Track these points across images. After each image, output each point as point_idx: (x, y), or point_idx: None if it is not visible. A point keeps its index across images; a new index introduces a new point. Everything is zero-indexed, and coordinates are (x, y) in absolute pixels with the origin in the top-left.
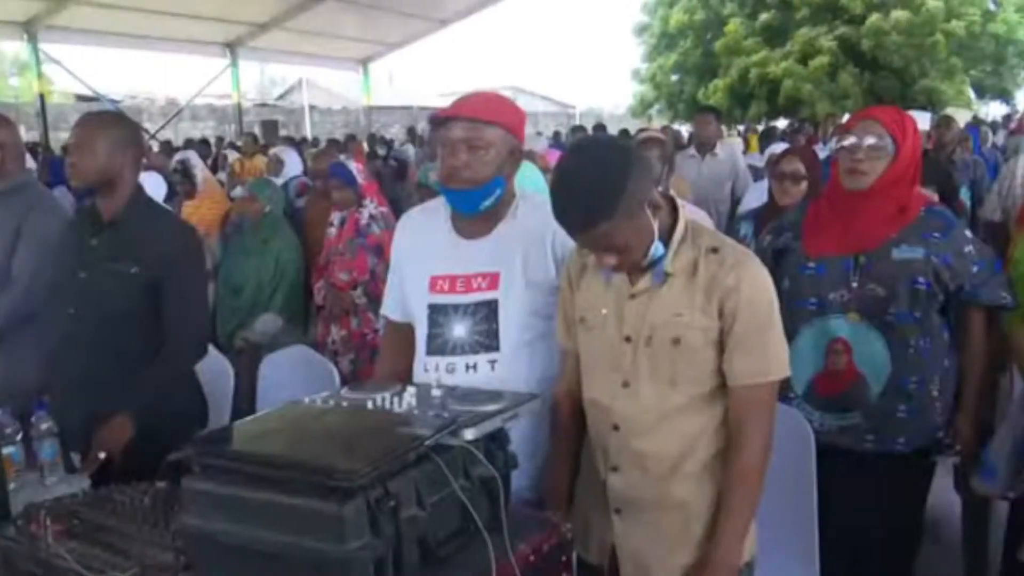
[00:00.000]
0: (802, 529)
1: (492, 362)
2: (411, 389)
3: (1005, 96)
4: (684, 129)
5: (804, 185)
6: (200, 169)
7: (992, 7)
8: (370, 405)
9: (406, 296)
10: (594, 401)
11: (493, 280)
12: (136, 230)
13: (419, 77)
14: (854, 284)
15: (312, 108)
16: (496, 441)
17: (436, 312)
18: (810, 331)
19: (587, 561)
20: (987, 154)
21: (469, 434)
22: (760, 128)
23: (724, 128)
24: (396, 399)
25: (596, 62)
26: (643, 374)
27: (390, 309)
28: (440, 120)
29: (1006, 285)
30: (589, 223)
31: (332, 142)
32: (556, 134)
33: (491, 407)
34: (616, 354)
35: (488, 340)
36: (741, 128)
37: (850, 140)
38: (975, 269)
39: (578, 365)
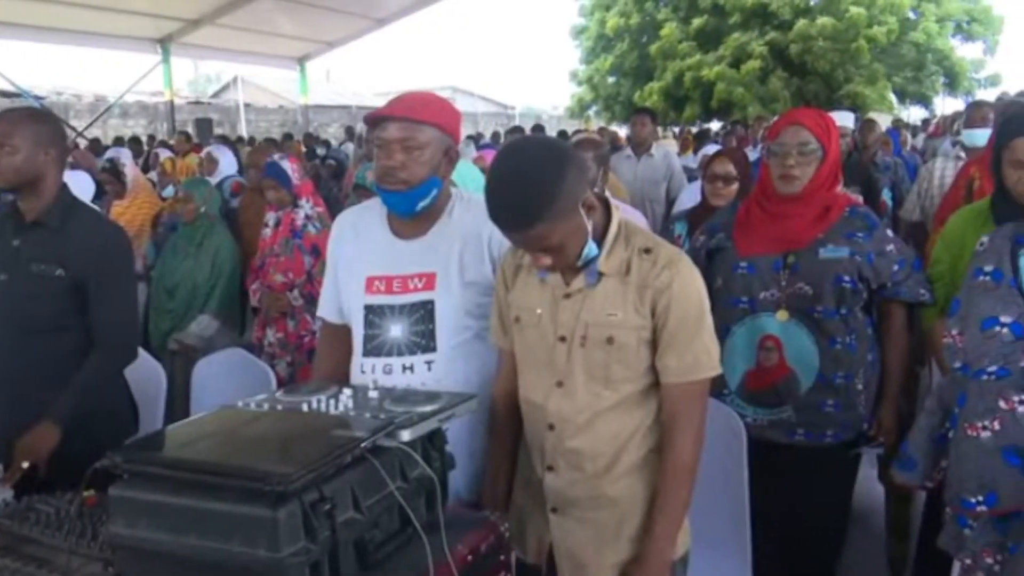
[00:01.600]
0: (734, 521)
1: (429, 363)
2: (347, 391)
3: (924, 101)
4: (621, 130)
5: (735, 186)
6: (130, 168)
7: (912, 16)
8: (305, 408)
9: (342, 297)
10: (529, 400)
11: (429, 280)
12: (60, 231)
13: (358, 76)
14: (783, 283)
15: (248, 106)
16: (433, 442)
17: (372, 313)
18: (742, 329)
19: (525, 561)
20: (907, 157)
21: (406, 435)
22: (694, 130)
23: (660, 130)
24: (332, 401)
25: (535, 63)
26: (577, 373)
27: (326, 310)
28: (375, 120)
29: (925, 283)
30: (524, 223)
31: (268, 140)
32: (495, 135)
33: (428, 408)
34: (550, 354)
35: (425, 341)
36: (676, 130)
37: (780, 145)
38: (896, 268)
39: (515, 364)
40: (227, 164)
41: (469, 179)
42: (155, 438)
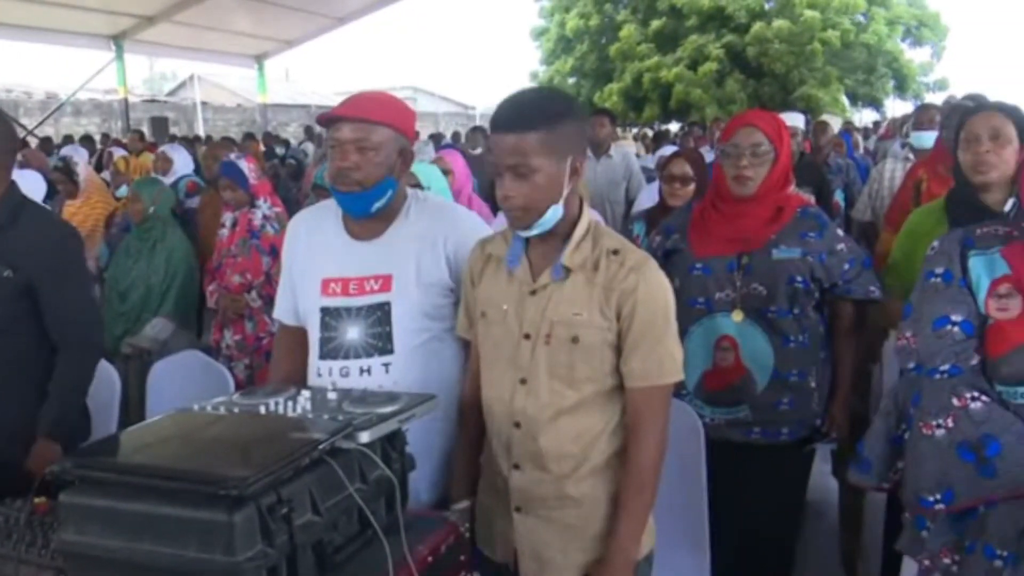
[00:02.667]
0: (694, 519)
1: (386, 365)
2: (305, 393)
3: (876, 104)
4: None
5: (692, 187)
6: (83, 167)
7: (863, 19)
8: (263, 410)
9: (298, 299)
10: (494, 398)
11: (386, 282)
12: (9, 231)
13: (317, 75)
14: (738, 283)
15: (205, 105)
16: (393, 443)
17: (328, 315)
18: (699, 329)
19: (492, 560)
20: (859, 159)
21: (364, 437)
22: (651, 132)
23: (619, 131)
24: (290, 403)
25: (495, 64)
26: (541, 371)
27: (282, 313)
28: (328, 120)
29: (875, 280)
30: (522, 124)
31: (226, 139)
32: (455, 135)
33: (387, 409)
34: (515, 350)
35: (381, 343)
36: (635, 131)
37: (733, 147)
38: (847, 267)
39: None
40: (182, 163)
41: (433, 179)
42: (107, 443)
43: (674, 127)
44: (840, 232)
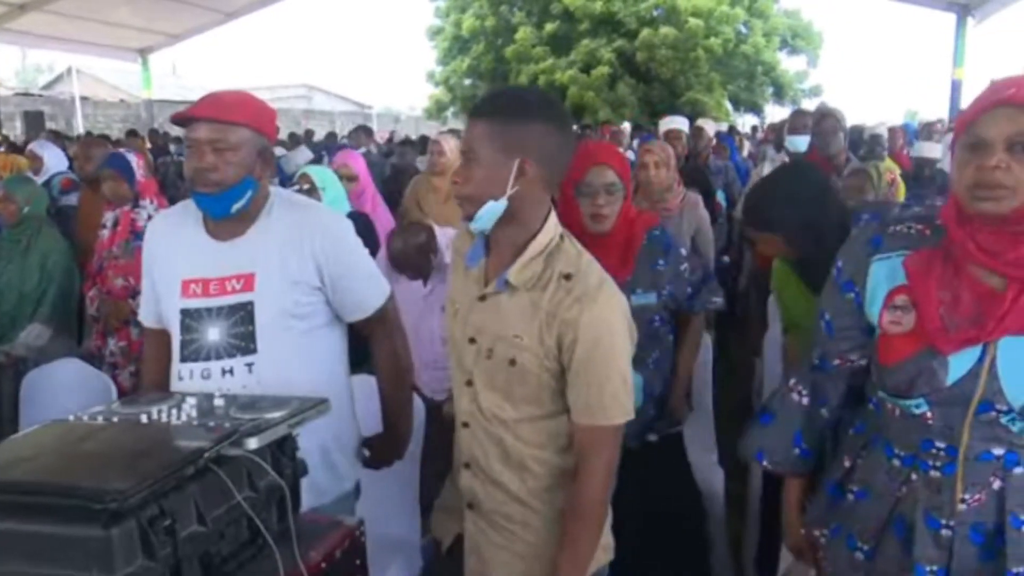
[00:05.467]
0: None
1: (249, 365)
2: (191, 400)
3: (756, 109)
4: None
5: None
6: None
7: (743, 29)
8: (144, 419)
9: (159, 301)
10: (455, 394)
11: (248, 281)
12: None
13: (207, 70)
14: None
15: (84, 100)
16: (283, 449)
17: (189, 317)
18: None
19: (446, 551)
20: (739, 162)
21: (253, 443)
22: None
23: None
24: (174, 411)
25: (392, 63)
26: (481, 380)
27: (145, 316)
28: (184, 120)
29: (716, 290)
30: (478, 113)
31: (102, 136)
32: (351, 133)
33: (276, 414)
34: (462, 351)
35: (244, 343)
36: None
37: (587, 186)
38: (689, 289)
39: None
40: (54, 161)
41: (328, 182)
42: None
43: None
44: (683, 251)
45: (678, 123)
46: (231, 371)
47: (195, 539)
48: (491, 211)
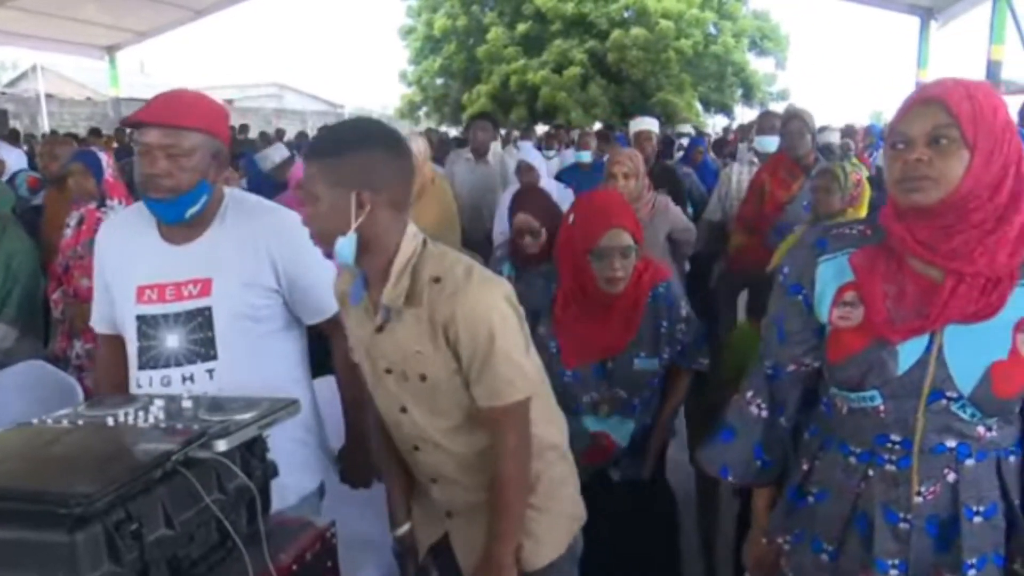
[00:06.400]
0: None
1: (210, 371)
2: (158, 402)
3: (726, 110)
4: (452, 132)
5: (543, 237)
6: None
7: (713, 31)
8: (111, 422)
9: (113, 306)
10: (388, 424)
11: (205, 286)
12: None
13: (176, 68)
14: (603, 388)
15: (50, 98)
16: (253, 450)
17: (145, 323)
18: (574, 422)
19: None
20: (710, 161)
21: (222, 445)
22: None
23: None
24: (141, 413)
25: (365, 62)
26: (411, 403)
27: (98, 321)
28: (134, 124)
29: (705, 352)
30: (310, 153)
31: (68, 135)
32: None
33: (245, 416)
34: (383, 384)
35: (204, 349)
36: (503, 132)
37: (603, 250)
38: (680, 348)
39: None
40: (14, 161)
41: None
42: None
43: (540, 129)
44: (684, 309)
45: (648, 124)
46: (191, 377)
47: (163, 543)
48: (344, 246)
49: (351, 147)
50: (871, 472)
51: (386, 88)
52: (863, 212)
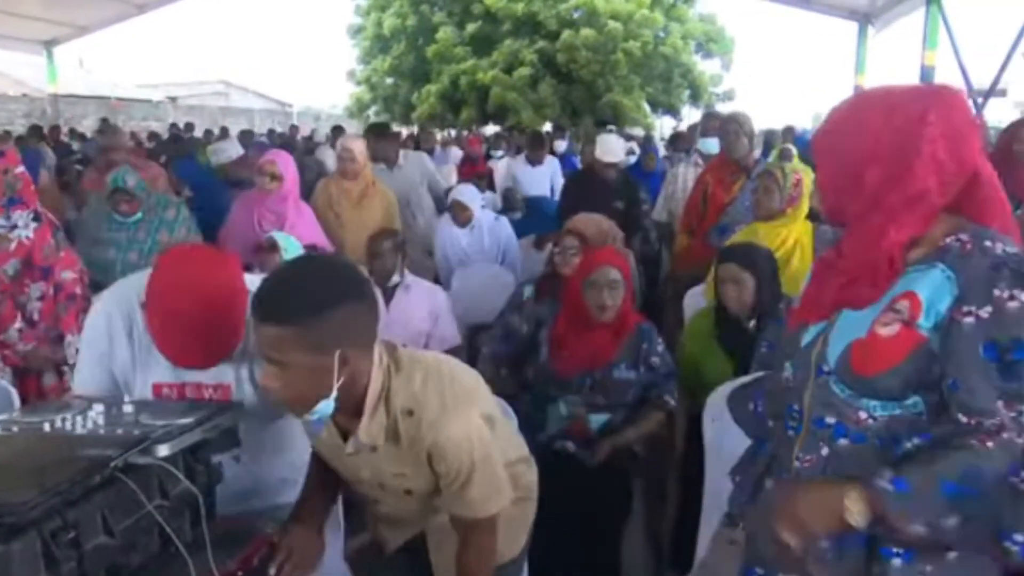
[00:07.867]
0: None
1: (236, 457)
2: (98, 407)
3: (673, 112)
4: (404, 131)
5: (578, 259)
6: None
7: (661, 33)
8: (47, 428)
9: (113, 382)
10: (359, 491)
11: (224, 391)
12: None
13: (118, 65)
14: (585, 392)
15: None
16: (197, 455)
17: None
18: (552, 408)
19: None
20: (662, 170)
21: (163, 450)
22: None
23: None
24: (79, 419)
25: (313, 61)
26: (391, 498)
27: (86, 384)
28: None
29: (672, 392)
30: (276, 317)
31: (6, 133)
32: (271, 132)
33: (187, 419)
34: (361, 485)
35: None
36: (452, 132)
37: (594, 283)
38: (651, 376)
39: None
40: None
41: (292, 249)
42: None
43: (490, 129)
44: (659, 344)
45: (615, 153)
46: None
47: (102, 551)
48: (326, 408)
49: (328, 306)
50: (781, 437)
51: (334, 87)
52: (803, 212)
